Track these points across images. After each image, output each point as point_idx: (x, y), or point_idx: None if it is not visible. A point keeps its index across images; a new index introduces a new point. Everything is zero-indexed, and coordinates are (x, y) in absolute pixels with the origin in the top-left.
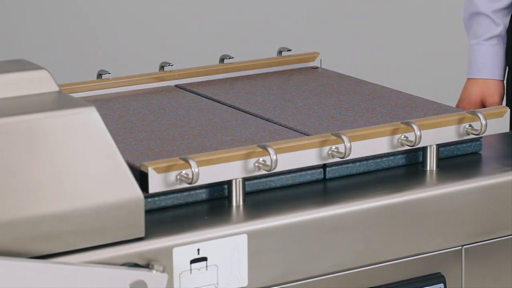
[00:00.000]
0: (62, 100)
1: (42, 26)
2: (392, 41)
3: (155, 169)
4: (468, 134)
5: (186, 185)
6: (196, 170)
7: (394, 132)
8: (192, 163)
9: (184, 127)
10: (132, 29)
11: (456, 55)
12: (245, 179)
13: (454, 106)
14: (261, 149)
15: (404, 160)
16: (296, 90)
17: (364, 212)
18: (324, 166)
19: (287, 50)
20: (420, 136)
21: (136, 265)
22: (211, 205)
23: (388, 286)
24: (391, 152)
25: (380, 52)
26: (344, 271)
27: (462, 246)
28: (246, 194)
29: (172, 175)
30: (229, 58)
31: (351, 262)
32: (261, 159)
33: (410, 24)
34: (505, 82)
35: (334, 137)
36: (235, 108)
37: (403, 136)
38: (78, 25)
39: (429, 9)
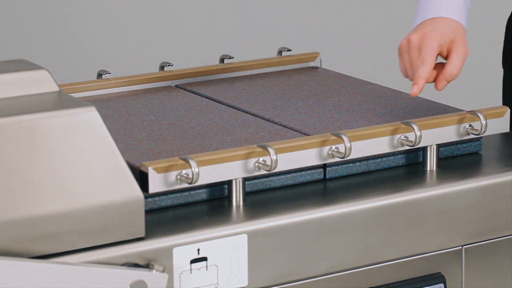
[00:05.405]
0: (62, 100)
1: (42, 26)
2: (392, 41)
3: (155, 169)
4: (468, 134)
5: (186, 185)
6: (196, 170)
7: (394, 132)
8: (192, 163)
9: (184, 127)
10: (132, 29)
11: None
12: (245, 179)
13: (409, 39)
14: (261, 149)
15: (404, 160)
16: (296, 90)
17: (364, 212)
18: (324, 166)
19: (287, 50)
20: (420, 136)
21: (136, 265)
22: (211, 205)
23: (388, 286)
24: (391, 152)
25: (380, 52)
26: (344, 271)
27: (462, 246)
28: (246, 194)
29: (172, 175)
30: (229, 58)
31: (351, 262)
32: (261, 159)
33: (411, 24)
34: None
35: (334, 137)
36: (235, 108)
37: (403, 136)
38: (78, 25)
39: None
